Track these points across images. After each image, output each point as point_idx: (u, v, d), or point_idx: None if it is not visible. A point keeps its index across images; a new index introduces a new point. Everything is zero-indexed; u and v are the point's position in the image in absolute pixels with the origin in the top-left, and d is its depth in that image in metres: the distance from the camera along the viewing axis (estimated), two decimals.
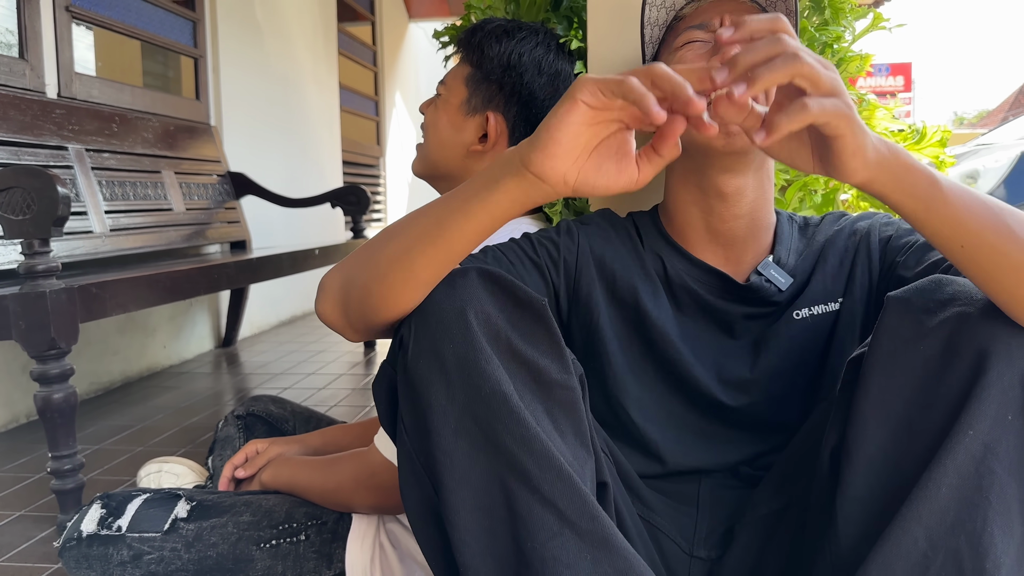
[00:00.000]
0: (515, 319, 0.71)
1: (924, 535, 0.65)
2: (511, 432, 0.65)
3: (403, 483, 0.72)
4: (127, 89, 2.83)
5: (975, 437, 0.64)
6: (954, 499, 0.64)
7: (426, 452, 0.68)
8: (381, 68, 6.07)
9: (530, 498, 0.64)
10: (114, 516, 1.07)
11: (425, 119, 1.18)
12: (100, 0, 2.71)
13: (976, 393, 0.64)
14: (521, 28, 1.13)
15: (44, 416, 1.51)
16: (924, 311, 0.69)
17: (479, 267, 0.73)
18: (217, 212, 3.16)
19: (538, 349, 0.71)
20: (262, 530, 1.09)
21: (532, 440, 0.65)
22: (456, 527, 0.66)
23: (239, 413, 1.49)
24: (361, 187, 3.44)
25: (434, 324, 0.69)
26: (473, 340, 0.67)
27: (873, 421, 0.70)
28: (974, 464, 0.64)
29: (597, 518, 0.65)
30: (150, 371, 3.01)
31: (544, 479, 0.65)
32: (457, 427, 0.66)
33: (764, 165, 0.93)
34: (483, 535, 0.65)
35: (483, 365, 0.67)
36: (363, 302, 0.74)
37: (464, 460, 0.66)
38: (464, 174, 1.15)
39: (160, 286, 1.89)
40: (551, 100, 1.12)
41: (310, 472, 1.13)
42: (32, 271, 1.48)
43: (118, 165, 2.62)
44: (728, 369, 0.92)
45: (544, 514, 0.64)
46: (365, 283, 0.73)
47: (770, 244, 0.95)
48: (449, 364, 0.67)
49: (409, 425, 0.70)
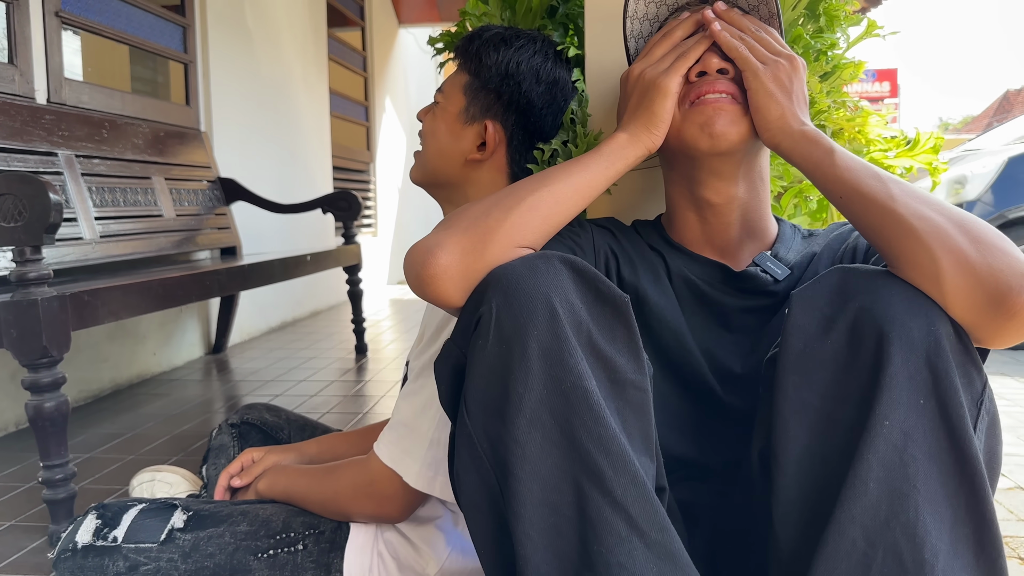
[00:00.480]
0: (596, 313, 0.70)
1: (861, 534, 0.65)
2: (588, 430, 0.65)
3: (459, 465, 0.71)
4: (117, 95, 2.82)
5: (892, 427, 0.65)
6: (884, 492, 0.65)
7: (494, 438, 0.67)
8: (371, 73, 6.07)
9: (601, 500, 0.64)
10: (110, 527, 1.06)
11: (423, 127, 1.18)
12: (90, 5, 2.69)
13: (885, 382, 0.65)
14: (519, 36, 1.13)
15: (35, 425, 1.49)
16: (828, 304, 0.70)
17: (562, 255, 0.72)
18: (207, 218, 3.15)
19: (615, 346, 0.70)
20: (259, 540, 1.08)
21: (610, 441, 0.65)
22: (521, 519, 0.65)
23: (233, 421, 1.48)
24: (352, 193, 3.43)
25: (518, 308, 0.68)
26: (558, 330, 0.67)
27: (793, 421, 0.70)
28: (897, 454, 0.64)
29: (666, 529, 0.65)
30: (140, 378, 2.99)
31: (618, 482, 0.64)
32: (532, 417, 0.65)
33: (754, 171, 0.94)
34: (548, 531, 0.65)
35: (566, 357, 0.66)
36: (496, 230, 0.77)
37: (536, 452, 0.65)
38: (463, 183, 1.14)
39: (152, 293, 1.88)
40: (549, 108, 1.12)
41: (307, 481, 1.13)
42: (24, 279, 1.47)
43: (108, 171, 2.61)
44: (722, 361, 0.92)
45: (614, 519, 0.64)
46: (499, 217, 0.79)
47: (770, 245, 0.96)
48: (531, 352, 0.66)
49: (476, 408, 0.69)
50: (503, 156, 1.12)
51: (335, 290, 5.14)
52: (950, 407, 0.65)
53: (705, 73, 0.89)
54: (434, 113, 1.16)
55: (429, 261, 0.76)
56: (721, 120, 0.87)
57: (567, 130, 1.14)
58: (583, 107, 1.15)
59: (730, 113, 0.88)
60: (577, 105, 1.15)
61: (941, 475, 0.65)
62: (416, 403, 1.02)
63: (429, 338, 1.03)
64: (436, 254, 0.76)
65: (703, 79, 0.89)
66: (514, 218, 0.79)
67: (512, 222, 0.78)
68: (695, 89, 0.89)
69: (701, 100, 0.88)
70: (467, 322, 0.73)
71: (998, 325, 0.67)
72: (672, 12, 0.98)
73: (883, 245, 0.74)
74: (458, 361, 0.73)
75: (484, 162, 1.12)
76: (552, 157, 1.13)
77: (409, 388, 1.04)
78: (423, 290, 0.77)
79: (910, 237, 0.70)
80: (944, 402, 0.65)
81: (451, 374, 0.75)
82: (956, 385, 0.65)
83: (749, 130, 0.89)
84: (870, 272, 0.71)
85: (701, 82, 0.89)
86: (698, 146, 0.89)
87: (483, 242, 0.76)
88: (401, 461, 1.00)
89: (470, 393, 0.70)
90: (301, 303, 4.55)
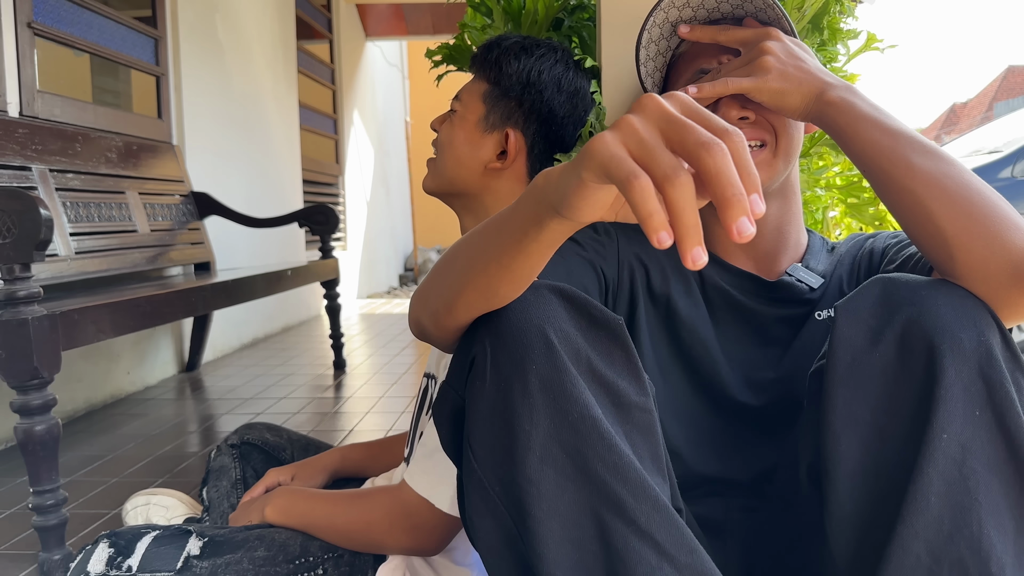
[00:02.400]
0: (592, 338, 0.68)
1: (925, 549, 0.65)
2: (602, 459, 0.63)
3: (472, 512, 0.68)
4: (89, 107, 2.75)
5: (950, 440, 0.64)
6: (946, 507, 0.64)
7: (506, 480, 0.65)
8: (339, 86, 6.02)
9: (626, 530, 0.62)
10: (123, 555, 1.02)
11: (439, 136, 1.16)
12: (62, 16, 2.63)
13: (940, 395, 0.65)
14: (539, 45, 1.12)
15: (25, 449, 1.43)
16: (874, 316, 0.70)
17: (550, 283, 0.70)
18: (180, 233, 3.08)
19: (615, 370, 0.68)
20: (278, 565, 1.04)
21: (626, 468, 0.63)
22: (545, 560, 0.62)
23: (233, 442, 1.44)
24: (329, 206, 3.39)
25: (512, 344, 0.66)
26: (557, 361, 0.65)
27: (844, 436, 0.70)
28: (956, 467, 0.64)
29: (695, 551, 0.64)
30: (114, 398, 2.91)
31: (640, 510, 0.62)
32: (543, 454, 0.63)
33: (786, 186, 0.94)
34: (574, 568, 0.62)
35: (569, 388, 0.64)
36: (447, 315, 0.71)
37: (552, 489, 0.63)
38: (481, 191, 1.13)
39: (140, 311, 1.83)
40: (570, 118, 1.11)
41: (330, 508, 1.08)
42: (13, 297, 1.41)
43: (82, 185, 2.54)
44: (753, 372, 0.92)
45: (642, 547, 0.62)
46: (446, 300, 0.71)
47: (801, 255, 0.97)
48: (532, 387, 0.64)
49: (481, 451, 0.67)
50: (523, 165, 1.11)
51: (306, 305, 5.07)
52: (1007, 417, 0.65)
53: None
54: (451, 122, 1.15)
55: (412, 321, 0.79)
56: None
57: (583, 142, 1.14)
58: (600, 119, 1.15)
59: (758, 163, 0.88)
60: (595, 118, 1.14)
61: (1002, 486, 0.65)
62: None
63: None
64: (415, 317, 0.78)
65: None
66: (466, 297, 0.69)
67: (465, 300, 0.70)
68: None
69: None
70: (460, 364, 0.71)
71: (1014, 298, 0.69)
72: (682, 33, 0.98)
73: (899, 215, 0.76)
74: (455, 404, 0.71)
75: (504, 171, 1.11)
76: None
77: None
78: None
79: (926, 214, 0.72)
80: (1000, 412, 0.65)
81: (450, 418, 0.73)
82: (1012, 395, 0.66)
83: (780, 166, 0.89)
84: (913, 281, 0.71)
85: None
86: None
87: (448, 313, 0.71)
88: (435, 489, 0.97)
89: (474, 436, 0.68)
90: (273, 319, 4.48)
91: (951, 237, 0.71)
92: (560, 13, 1.44)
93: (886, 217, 1.42)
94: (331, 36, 5.89)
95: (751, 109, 0.89)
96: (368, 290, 6.75)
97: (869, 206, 1.45)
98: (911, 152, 0.75)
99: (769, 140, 0.90)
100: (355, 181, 6.39)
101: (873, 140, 0.77)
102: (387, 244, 7.53)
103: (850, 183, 1.44)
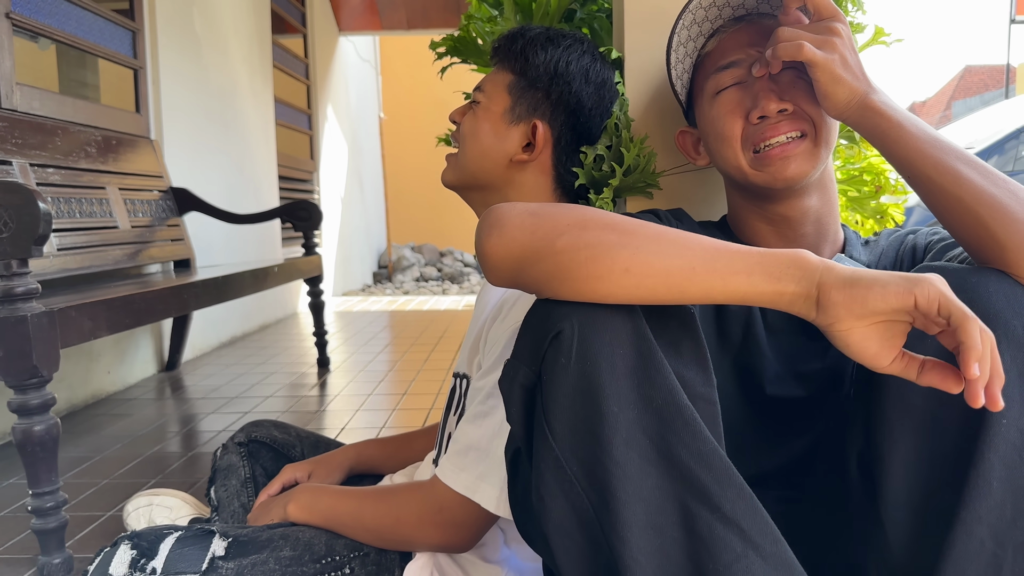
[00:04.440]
0: (660, 327, 0.68)
1: (989, 534, 0.66)
2: (687, 446, 0.63)
3: (545, 491, 0.67)
4: (68, 100, 2.68)
5: (1009, 426, 0.66)
6: (1008, 492, 0.65)
7: (588, 461, 0.64)
8: (313, 81, 5.95)
9: (711, 517, 0.62)
10: (147, 557, 0.99)
11: (461, 128, 1.14)
12: (40, 7, 2.56)
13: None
14: (564, 36, 1.11)
15: (24, 450, 1.39)
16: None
17: None
18: (160, 230, 3.02)
19: (682, 360, 0.68)
20: (305, 565, 1.02)
21: (711, 455, 0.63)
22: (628, 544, 0.62)
23: (240, 440, 1.41)
24: (312, 202, 3.34)
25: (601, 326, 0.65)
26: (642, 347, 0.65)
27: (898, 423, 0.71)
28: (1016, 453, 0.66)
29: (779, 540, 0.63)
30: (95, 398, 2.84)
31: (725, 497, 0.62)
32: (628, 437, 0.63)
33: (825, 177, 0.95)
34: (655, 554, 0.62)
35: (653, 374, 0.64)
36: (557, 275, 0.68)
37: (636, 473, 0.62)
38: (505, 185, 1.11)
39: (135, 308, 1.78)
40: (597, 109, 1.10)
41: (356, 505, 1.06)
42: (10, 294, 1.37)
43: (63, 180, 2.47)
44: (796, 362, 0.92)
45: (727, 535, 0.61)
46: (569, 264, 0.67)
47: (841, 247, 0.98)
48: (620, 370, 0.64)
49: (561, 429, 0.65)
50: (548, 157, 1.10)
51: (283, 303, 5.01)
52: None
53: (766, 116, 0.89)
54: (474, 113, 1.13)
55: (494, 239, 0.72)
56: (792, 165, 0.88)
57: (609, 134, 1.13)
58: (624, 110, 1.14)
59: (800, 153, 0.89)
60: (619, 109, 1.14)
61: None
62: (488, 426, 0.97)
63: (496, 359, 0.98)
64: (496, 238, 0.71)
65: (764, 123, 0.89)
66: (609, 279, 0.67)
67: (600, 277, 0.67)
68: (757, 133, 0.90)
69: (766, 153, 0.89)
70: (536, 340, 0.69)
71: None
72: (711, 35, 0.98)
73: (950, 223, 0.77)
74: (527, 380, 0.70)
75: (529, 163, 1.10)
76: (596, 161, 1.11)
77: (477, 411, 0.99)
78: (480, 258, 0.74)
79: (977, 222, 0.74)
80: None
81: (522, 395, 0.71)
82: None
83: (822, 155, 0.90)
84: (961, 271, 0.72)
85: (763, 127, 0.89)
86: (774, 187, 0.90)
87: (559, 278, 0.68)
88: (477, 488, 0.95)
89: (553, 414, 0.66)
90: (250, 317, 4.42)
91: (1002, 240, 0.73)
92: (572, 4, 1.43)
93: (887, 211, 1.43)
94: (305, 30, 5.81)
95: (788, 100, 0.89)
96: (343, 288, 6.69)
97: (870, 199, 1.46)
98: (956, 161, 0.78)
99: (809, 130, 0.90)
100: (329, 178, 6.33)
101: (919, 149, 0.79)
102: (361, 241, 7.47)
103: (851, 176, 1.45)
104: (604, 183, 1.12)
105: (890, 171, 1.38)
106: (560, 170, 1.11)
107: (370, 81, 8.12)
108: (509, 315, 1.00)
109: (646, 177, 1.12)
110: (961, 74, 23.47)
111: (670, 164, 1.17)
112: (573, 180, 1.12)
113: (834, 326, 0.63)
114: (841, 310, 0.62)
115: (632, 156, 1.08)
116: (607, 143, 1.12)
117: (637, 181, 1.13)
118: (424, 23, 6.42)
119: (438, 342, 3.94)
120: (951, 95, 23.41)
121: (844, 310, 0.62)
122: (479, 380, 1.01)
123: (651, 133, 1.14)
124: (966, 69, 23.44)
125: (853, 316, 0.62)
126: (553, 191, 1.12)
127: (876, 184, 1.42)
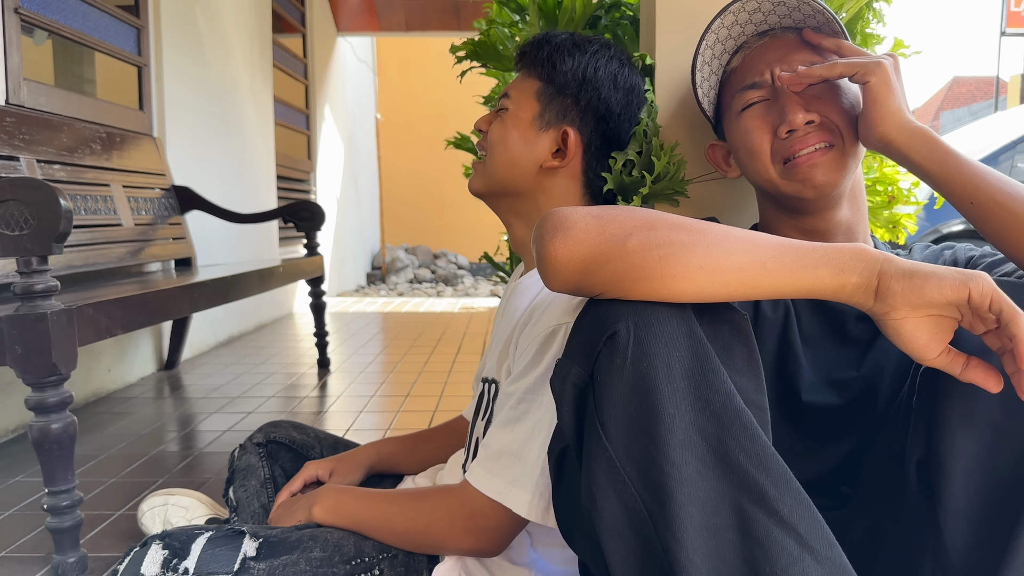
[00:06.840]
0: (713, 331, 0.68)
1: None
2: (744, 449, 0.63)
3: (597, 491, 0.67)
4: (74, 97, 2.67)
5: None
6: None
7: (643, 461, 0.64)
8: (312, 81, 5.94)
9: (767, 521, 0.62)
10: (179, 557, 0.99)
11: (489, 136, 1.14)
12: (48, 3, 2.55)
13: None
14: (591, 42, 1.11)
15: (40, 448, 1.38)
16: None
17: None
18: (161, 228, 3.01)
19: (734, 366, 0.68)
20: (335, 566, 1.02)
21: (769, 459, 0.63)
22: (683, 544, 0.62)
23: (259, 440, 1.41)
24: (315, 202, 3.34)
25: (658, 327, 0.66)
26: (698, 350, 0.65)
27: (960, 431, 0.71)
28: None
29: (834, 545, 0.64)
30: (96, 396, 2.83)
31: (783, 501, 0.62)
32: (684, 439, 0.63)
33: (856, 187, 0.96)
34: (710, 556, 0.62)
35: (711, 377, 0.64)
36: (629, 275, 0.68)
37: (692, 474, 0.63)
38: (535, 192, 1.12)
39: (149, 306, 1.78)
40: (625, 114, 1.11)
41: (385, 507, 1.06)
42: (30, 291, 1.37)
43: (68, 177, 2.46)
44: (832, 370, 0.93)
45: (784, 538, 0.62)
46: (642, 264, 0.67)
47: None
48: (676, 372, 0.64)
49: (615, 429, 0.65)
50: (579, 163, 1.10)
51: (279, 303, 5.00)
52: None
53: (794, 130, 0.91)
54: (502, 120, 1.13)
55: (558, 242, 0.70)
56: (820, 173, 0.91)
57: (638, 140, 1.14)
58: (652, 117, 1.15)
59: (828, 161, 0.91)
60: (647, 115, 1.14)
61: None
62: (520, 431, 0.97)
63: (528, 364, 0.98)
64: (562, 240, 0.70)
65: (792, 136, 0.92)
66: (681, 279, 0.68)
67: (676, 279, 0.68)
68: (786, 147, 0.92)
69: (795, 163, 0.91)
70: (590, 339, 0.69)
71: None
72: (735, 51, 1.00)
73: (1003, 244, 0.80)
74: (579, 379, 0.70)
75: (559, 170, 1.10)
76: (625, 167, 1.12)
77: (508, 416, 0.99)
78: (542, 262, 0.72)
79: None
80: None
81: (574, 393, 0.70)
82: None
83: (850, 164, 0.91)
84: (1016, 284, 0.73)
85: (792, 140, 0.92)
86: (804, 196, 0.92)
87: (631, 278, 0.68)
88: (509, 493, 0.95)
89: (607, 413, 0.66)
90: (247, 317, 4.40)
91: None
92: (596, 11, 1.44)
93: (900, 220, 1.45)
94: (304, 30, 5.81)
95: (815, 112, 0.91)
96: (338, 288, 6.68)
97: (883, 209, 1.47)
98: (1004, 186, 0.81)
99: (836, 141, 0.91)
100: (326, 178, 6.32)
101: (968, 180, 0.83)
102: (356, 242, 7.46)
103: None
104: (633, 189, 1.13)
105: (902, 181, 1.40)
106: (590, 175, 1.11)
107: (367, 82, 8.11)
108: (541, 320, 1.00)
109: (675, 184, 1.13)
110: (949, 85, 23.66)
111: (699, 172, 1.18)
112: (602, 185, 1.12)
113: (889, 315, 0.65)
114: (899, 299, 0.65)
115: (663, 164, 1.09)
116: (636, 149, 1.13)
117: (666, 188, 1.14)
118: (422, 25, 6.42)
119: (437, 344, 3.94)
120: (939, 105, 23.58)
121: (901, 299, 0.64)
122: (509, 385, 1.01)
123: (681, 140, 1.14)
124: (954, 80, 23.63)
125: (909, 306, 0.64)
126: (582, 196, 1.13)
127: (889, 195, 1.44)
